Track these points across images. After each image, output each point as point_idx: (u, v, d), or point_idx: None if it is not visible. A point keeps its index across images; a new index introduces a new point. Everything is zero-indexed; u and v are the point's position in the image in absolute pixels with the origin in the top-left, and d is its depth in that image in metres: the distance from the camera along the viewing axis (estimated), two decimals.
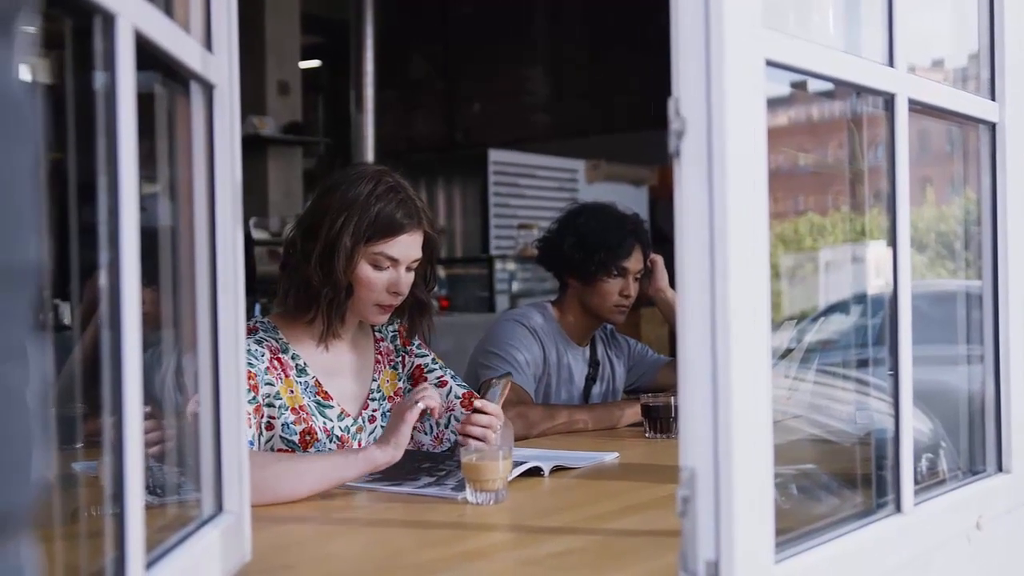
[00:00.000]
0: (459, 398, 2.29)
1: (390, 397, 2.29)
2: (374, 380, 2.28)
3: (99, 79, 0.98)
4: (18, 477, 0.54)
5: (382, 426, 2.24)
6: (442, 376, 2.34)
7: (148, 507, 1.03)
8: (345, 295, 2.13)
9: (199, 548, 1.22)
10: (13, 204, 0.55)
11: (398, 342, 2.35)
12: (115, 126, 0.97)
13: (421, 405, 1.91)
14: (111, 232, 0.97)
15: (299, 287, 2.14)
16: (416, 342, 2.37)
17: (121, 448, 0.98)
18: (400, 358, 2.34)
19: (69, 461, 1.38)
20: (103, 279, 0.97)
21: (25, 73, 0.58)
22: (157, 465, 1.41)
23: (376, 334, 2.34)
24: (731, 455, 1.13)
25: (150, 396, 1.06)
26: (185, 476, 1.41)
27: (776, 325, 1.28)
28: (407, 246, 2.15)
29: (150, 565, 1.06)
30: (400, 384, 2.32)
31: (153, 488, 1.29)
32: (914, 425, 1.51)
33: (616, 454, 2.32)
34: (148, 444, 1.46)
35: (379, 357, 2.31)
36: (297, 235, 2.16)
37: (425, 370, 2.34)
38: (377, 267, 2.13)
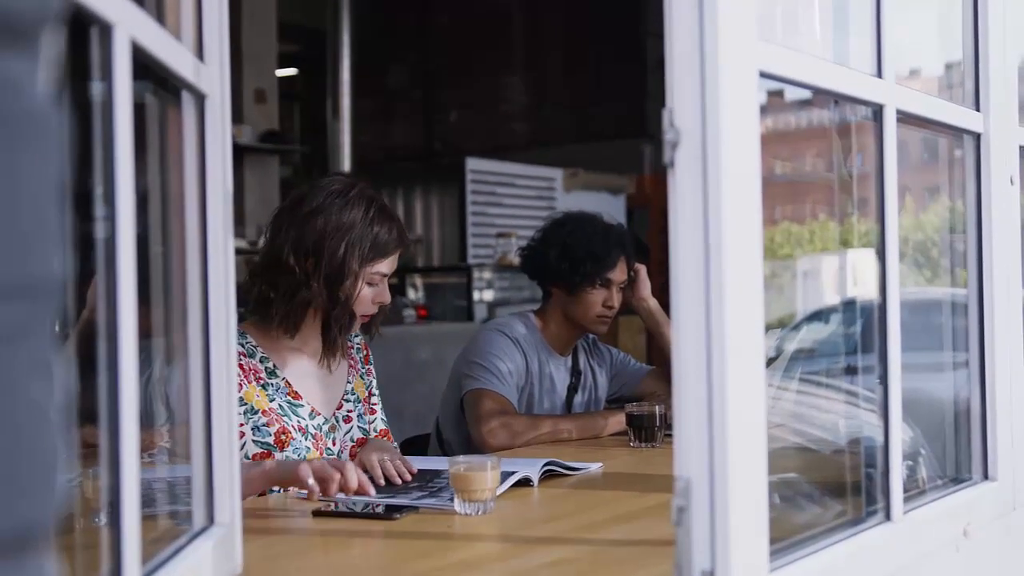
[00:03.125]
0: (377, 432, 2.37)
1: (363, 400, 2.38)
2: (348, 382, 2.36)
3: (95, 88, 0.97)
4: (44, 491, 0.54)
5: (359, 426, 2.34)
6: (376, 405, 2.44)
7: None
8: (350, 318, 2.21)
9: (191, 561, 1.21)
10: (41, 217, 0.55)
11: (362, 355, 2.44)
12: (112, 135, 0.96)
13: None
14: (108, 241, 0.96)
15: (301, 307, 2.19)
16: (365, 367, 2.45)
17: (118, 461, 0.97)
18: (365, 369, 2.44)
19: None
20: (100, 289, 0.96)
21: (50, 86, 0.57)
22: (145, 476, 1.40)
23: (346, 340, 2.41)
24: (726, 464, 1.13)
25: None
26: (173, 488, 1.40)
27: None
28: (395, 261, 2.27)
29: None
30: (366, 392, 2.41)
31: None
32: None
33: (600, 464, 2.32)
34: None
35: (352, 362, 2.39)
36: (287, 255, 2.17)
37: (371, 393, 2.44)
38: (370, 284, 2.23)
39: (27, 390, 0.53)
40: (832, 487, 1.69)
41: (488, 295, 7.34)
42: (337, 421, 2.30)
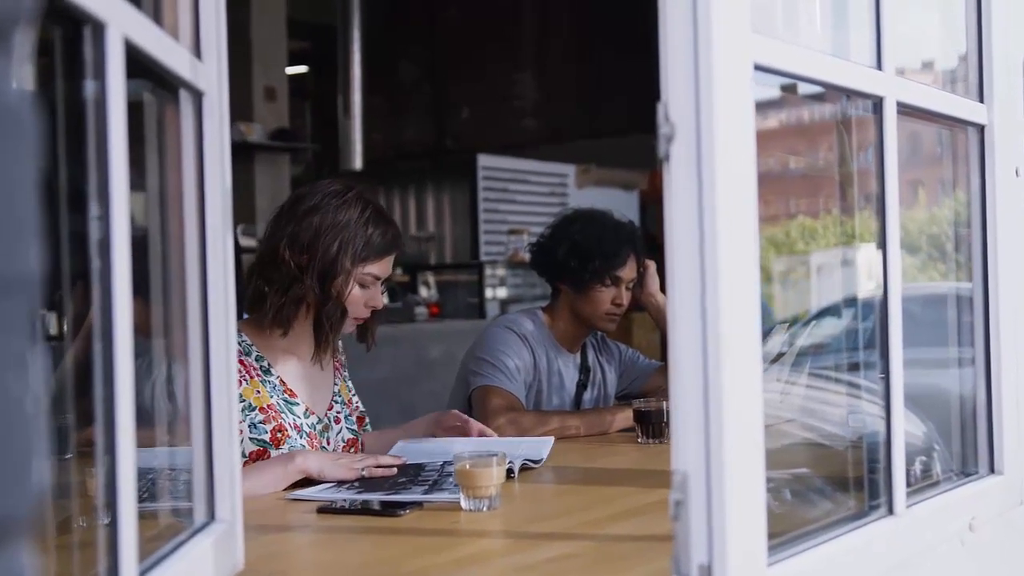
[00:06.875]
0: (344, 441, 2.37)
1: (347, 403, 2.41)
2: (335, 384, 2.39)
3: (88, 87, 0.98)
4: (19, 485, 0.54)
5: (347, 427, 2.37)
6: (347, 413, 2.42)
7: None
8: (341, 314, 2.23)
9: (192, 557, 1.21)
10: (14, 213, 0.55)
11: (342, 359, 2.46)
12: (106, 134, 0.97)
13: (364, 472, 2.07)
14: (102, 241, 0.97)
15: (293, 302, 2.21)
16: (345, 372, 2.47)
17: (114, 458, 0.97)
18: (346, 372, 2.46)
19: (63, 471, 1.38)
20: (95, 289, 0.97)
21: (24, 82, 0.58)
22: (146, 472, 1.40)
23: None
24: (723, 458, 1.13)
25: (140, 406, 1.06)
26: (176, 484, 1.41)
27: (767, 329, 1.28)
28: (390, 265, 2.30)
29: (142, 574, 1.06)
30: (349, 395, 2.43)
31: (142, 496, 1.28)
32: (907, 428, 1.51)
33: (550, 439, 2.34)
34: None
35: (337, 366, 2.43)
36: (283, 251, 2.20)
37: (351, 398, 2.45)
38: (363, 286, 2.25)
39: (3, 383, 0.53)
40: (837, 482, 1.69)
41: (500, 292, 7.34)
42: (329, 421, 2.33)
